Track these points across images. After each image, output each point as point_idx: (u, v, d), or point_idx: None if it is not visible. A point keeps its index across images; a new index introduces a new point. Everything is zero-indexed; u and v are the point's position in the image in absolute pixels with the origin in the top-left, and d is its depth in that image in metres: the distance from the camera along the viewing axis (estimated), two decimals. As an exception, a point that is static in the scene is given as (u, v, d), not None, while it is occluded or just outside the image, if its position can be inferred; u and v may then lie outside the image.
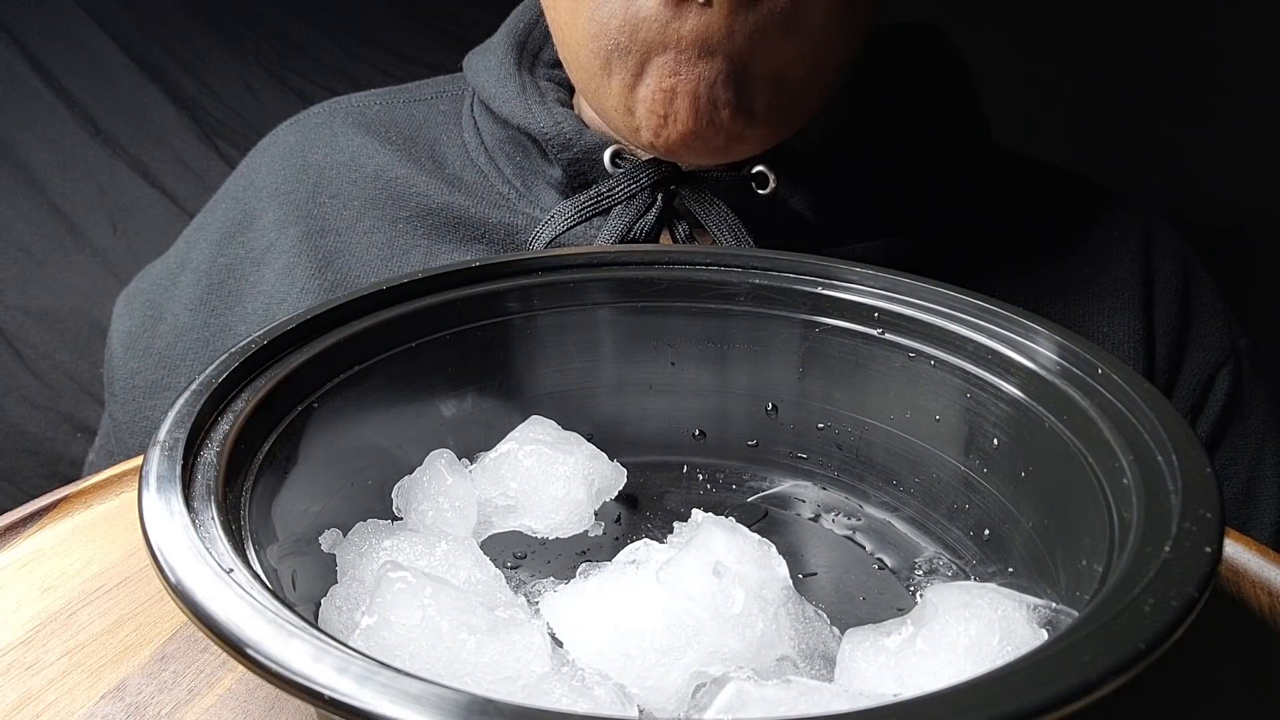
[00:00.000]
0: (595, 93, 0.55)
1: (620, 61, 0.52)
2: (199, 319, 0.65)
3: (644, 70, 0.52)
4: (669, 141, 0.53)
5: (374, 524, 0.40)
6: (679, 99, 0.51)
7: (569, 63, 0.57)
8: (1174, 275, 0.64)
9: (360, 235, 0.64)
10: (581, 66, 0.55)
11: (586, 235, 0.59)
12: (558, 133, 0.59)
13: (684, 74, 0.51)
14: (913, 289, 0.44)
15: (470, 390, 0.46)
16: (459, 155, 0.66)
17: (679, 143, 0.53)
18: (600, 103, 0.55)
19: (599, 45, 0.52)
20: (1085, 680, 0.24)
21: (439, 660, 0.31)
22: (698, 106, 0.52)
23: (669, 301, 0.48)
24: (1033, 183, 0.68)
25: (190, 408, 0.35)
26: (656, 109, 0.52)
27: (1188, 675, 0.37)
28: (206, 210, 0.70)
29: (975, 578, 0.42)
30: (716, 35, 0.50)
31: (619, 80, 0.53)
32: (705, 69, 0.51)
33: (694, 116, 0.52)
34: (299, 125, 0.70)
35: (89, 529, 0.45)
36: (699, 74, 0.51)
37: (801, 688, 0.29)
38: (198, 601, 0.27)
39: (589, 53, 0.53)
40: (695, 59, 0.50)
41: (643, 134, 0.54)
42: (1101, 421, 0.36)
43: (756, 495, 0.48)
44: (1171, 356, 0.63)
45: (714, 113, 0.52)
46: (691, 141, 0.53)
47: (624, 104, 0.53)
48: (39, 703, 0.36)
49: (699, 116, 0.52)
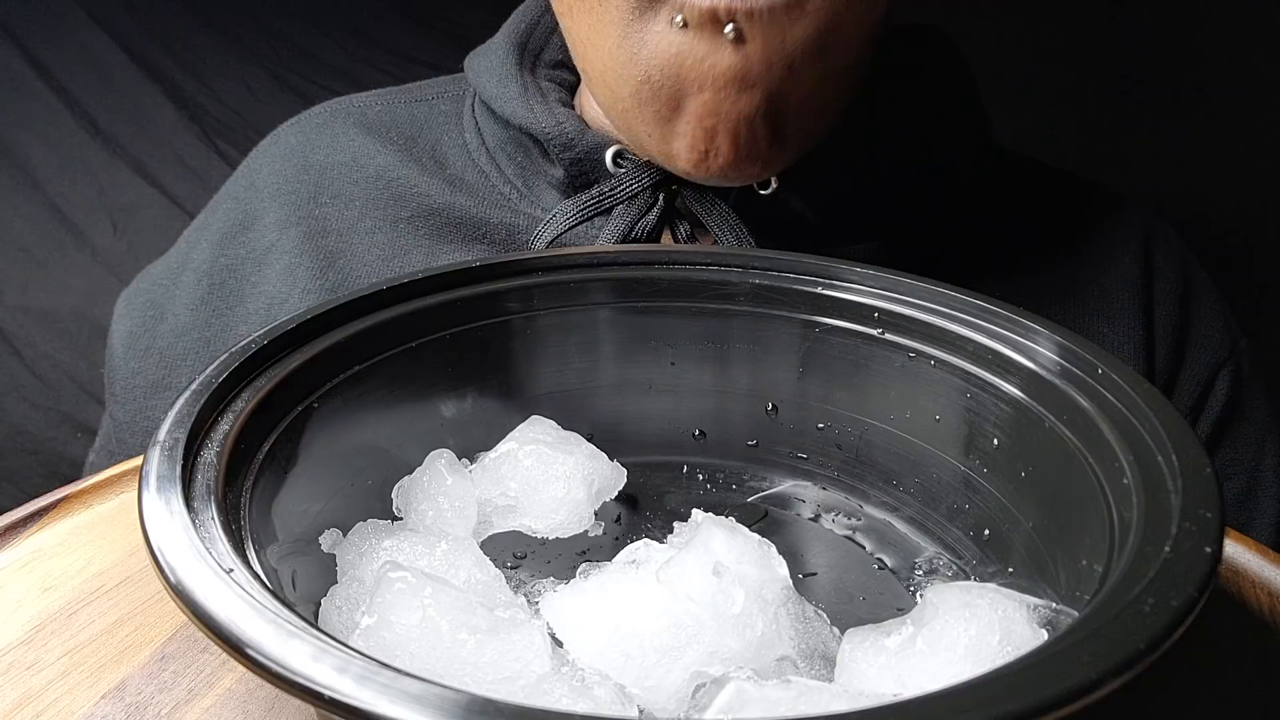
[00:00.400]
0: (623, 115, 0.55)
1: (653, 96, 0.52)
2: (200, 319, 0.65)
3: (680, 106, 0.51)
4: (709, 173, 0.54)
5: (374, 524, 0.40)
6: (720, 136, 0.51)
7: (592, 82, 0.56)
8: (1174, 276, 0.64)
9: (362, 236, 0.64)
10: (609, 91, 0.54)
11: (588, 235, 0.59)
12: (559, 132, 0.59)
13: (725, 112, 0.51)
14: (913, 289, 0.44)
15: (470, 390, 0.46)
16: (460, 155, 0.66)
17: (718, 174, 0.53)
18: (630, 126, 0.55)
19: (629, 74, 0.52)
20: (1085, 680, 0.24)
21: (439, 660, 0.31)
22: (739, 143, 0.52)
23: (669, 301, 0.48)
24: (1033, 183, 0.68)
25: (190, 408, 0.35)
26: (697, 145, 0.52)
27: (1188, 675, 0.37)
28: (207, 210, 0.70)
29: (975, 578, 0.42)
30: (755, 70, 0.49)
31: (652, 112, 0.52)
32: (745, 105, 0.50)
33: (735, 151, 0.52)
34: (300, 126, 0.70)
35: (89, 529, 0.45)
36: (739, 111, 0.51)
37: (801, 688, 0.29)
38: (198, 601, 0.27)
39: (618, 80, 0.53)
40: (735, 96, 0.50)
41: (679, 164, 0.54)
42: (1101, 421, 0.36)
43: (756, 495, 0.48)
44: (1171, 357, 0.63)
45: (753, 145, 0.52)
46: (730, 172, 0.53)
47: (659, 133, 0.53)
48: (39, 703, 0.36)
49: (739, 151, 0.52)
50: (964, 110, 0.64)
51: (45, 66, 1.74)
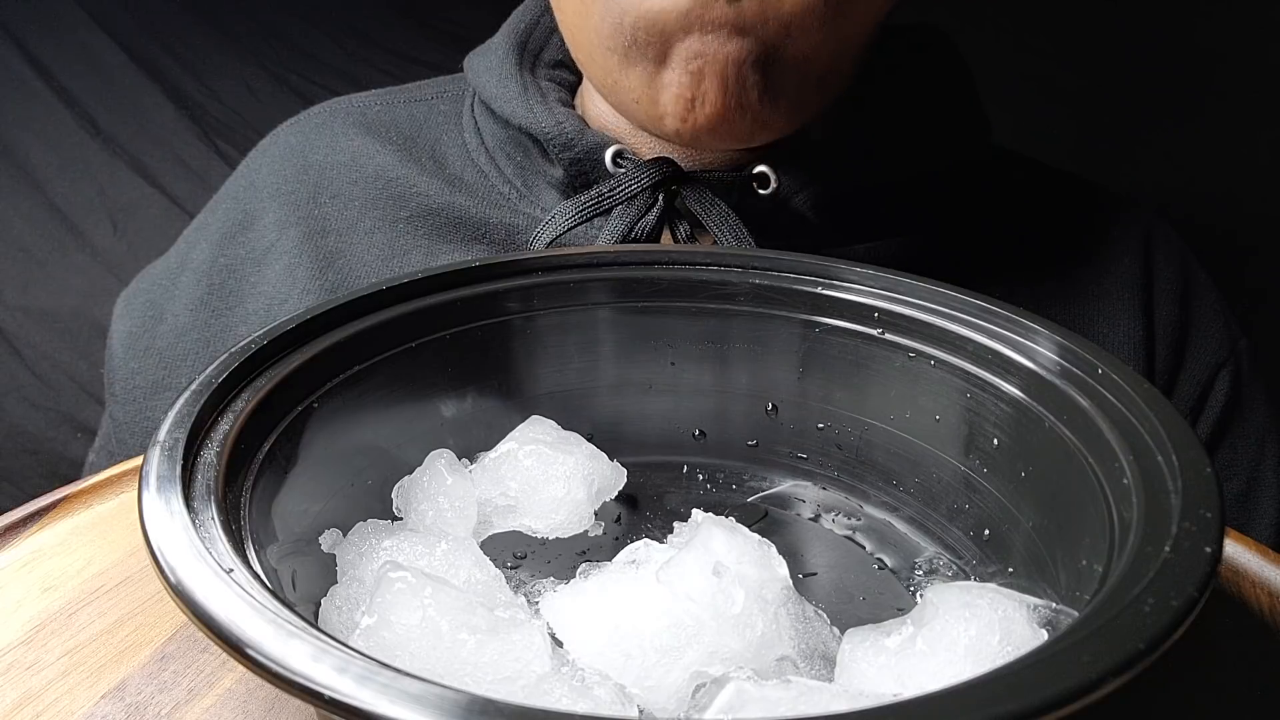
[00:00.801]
0: (613, 88, 0.54)
1: (640, 53, 0.51)
2: (200, 319, 0.65)
3: (668, 55, 0.51)
4: (696, 126, 0.52)
5: (374, 524, 0.40)
6: (707, 79, 0.50)
7: (582, 61, 0.56)
8: (1174, 276, 0.64)
9: (361, 236, 0.64)
10: (596, 63, 0.54)
11: (588, 235, 0.59)
12: (559, 132, 0.59)
13: (713, 53, 0.49)
14: (913, 289, 0.44)
15: (470, 390, 0.46)
16: (459, 155, 0.66)
17: (705, 126, 0.52)
18: (619, 97, 0.55)
19: (616, 41, 0.51)
20: (1085, 680, 0.24)
21: (439, 660, 0.31)
22: (726, 86, 0.50)
23: (669, 301, 0.48)
24: (1033, 183, 0.68)
25: (190, 408, 0.35)
26: (684, 92, 0.51)
27: (1188, 675, 0.37)
28: (207, 210, 0.70)
29: (975, 578, 0.42)
30: (749, 19, 0.49)
31: (640, 70, 0.52)
32: (735, 49, 0.49)
33: (723, 96, 0.51)
34: (299, 125, 0.70)
35: (89, 529, 0.45)
36: (728, 53, 0.49)
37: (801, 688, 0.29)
38: (198, 601, 0.27)
39: (607, 49, 0.52)
40: (725, 38, 0.49)
41: (667, 121, 0.53)
42: (1101, 421, 0.36)
43: (756, 495, 0.48)
44: (1172, 358, 0.63)
45: (743, 94, 0.51)
46: (718, 125, 0.52)
47: (646, 94, 0.53)
48: (39, 703, 0.36)
49: (728, 96, 0.51)
50: (964, 110, 0.64)
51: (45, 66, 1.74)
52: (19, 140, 1.67)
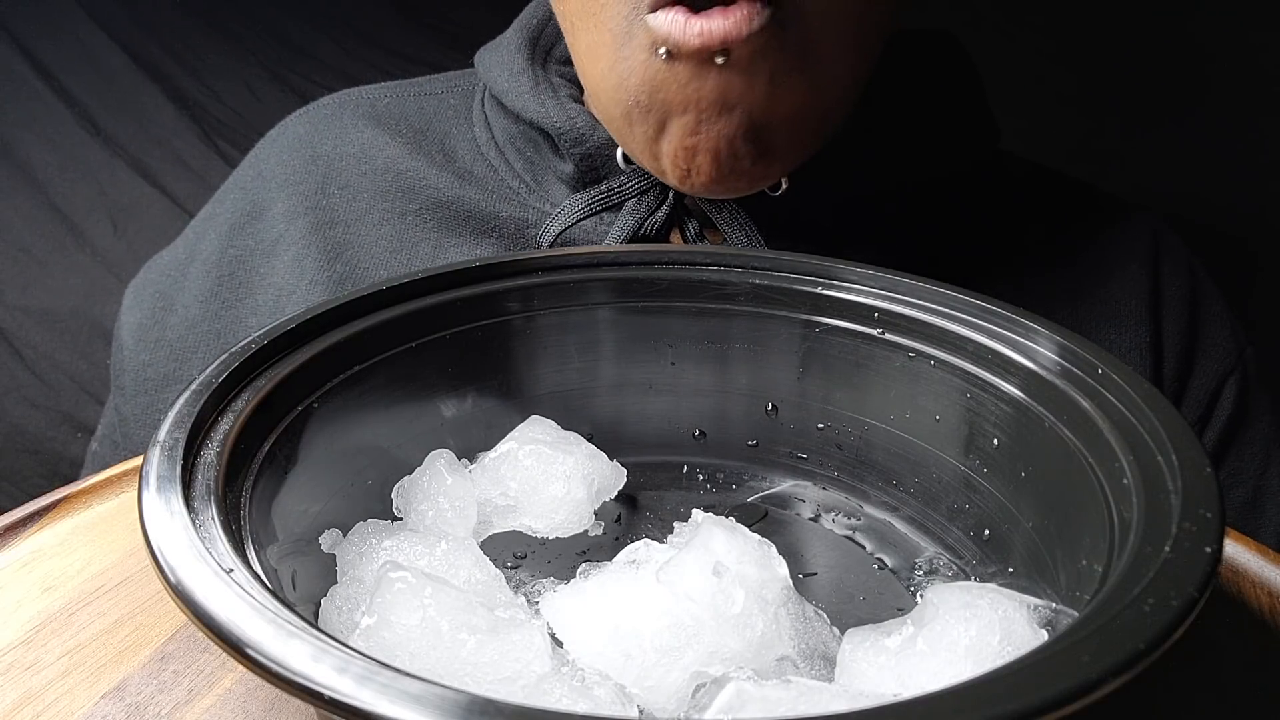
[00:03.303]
0: (618, 134, 0.56)
1: (641, 117, 0.52)
2: (210, 311, 0.64)
3: (665, 128, 0.52)
4: (694, 188, 0.54)
5: (374, 524, 0.40)
6: (700, 155, 0.52)
7: (592, 99, 0.58)
8: (1182, 284, 0.64)
9: (370, 227, 0.63)
10: (603, 109, 0.56)
11: (596, 231, 0.59)
12: (571, 127, 0.59)
13: (704, 132, 0.51)
14: (913, 289, 0.44)
15: (470, 390, 0.46)
16: (469, 149, 0.66)
17: (703, 189, 0.54)
18: (624, 143, 0.57)
19: (619, 97, 0.52)
20: (1085, 680, 0.24)
21: (439, 660, 0.31)
22: (719, 161, 0.52)
23: (669, 301, 0.48)
24: (1042, 190, 0.68)
25: (190, 408, 0.35)
26: (679, 163, 0.53)
27: (1188, 675, 0.37)
28: (214, 200, 0.70)
29: (975, 578, 0.42)
30: (735, 91, 0.50)
31: (641, 132, 0.53)
32: (725, 126, 0.51)
33: (716, 170, 0.53)
34: (309, 116, 0.70)
35: (89, 529, 0.45)
36: (718, 131, 0.51)
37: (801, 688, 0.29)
38: (198, 601, 0.27)
39: (610, 101, 0.54)
40: (715, 117, 0.51)
41: (667, 179, 0.55)
42: (1101, 421, 0.36)
43: (756, 495, 0.48)
44: (1181, 365, 0.63)
45: (735, 163, 0.53)
46: (715, 189, 0.54)
47: (648, 152, 0.54)
48: (39, 703, 0.36)
49: (721, 169, 0.53)
50: (974, 115, 0.64)
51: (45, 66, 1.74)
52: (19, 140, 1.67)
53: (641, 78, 0.51)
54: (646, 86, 0.51)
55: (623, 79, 0.51)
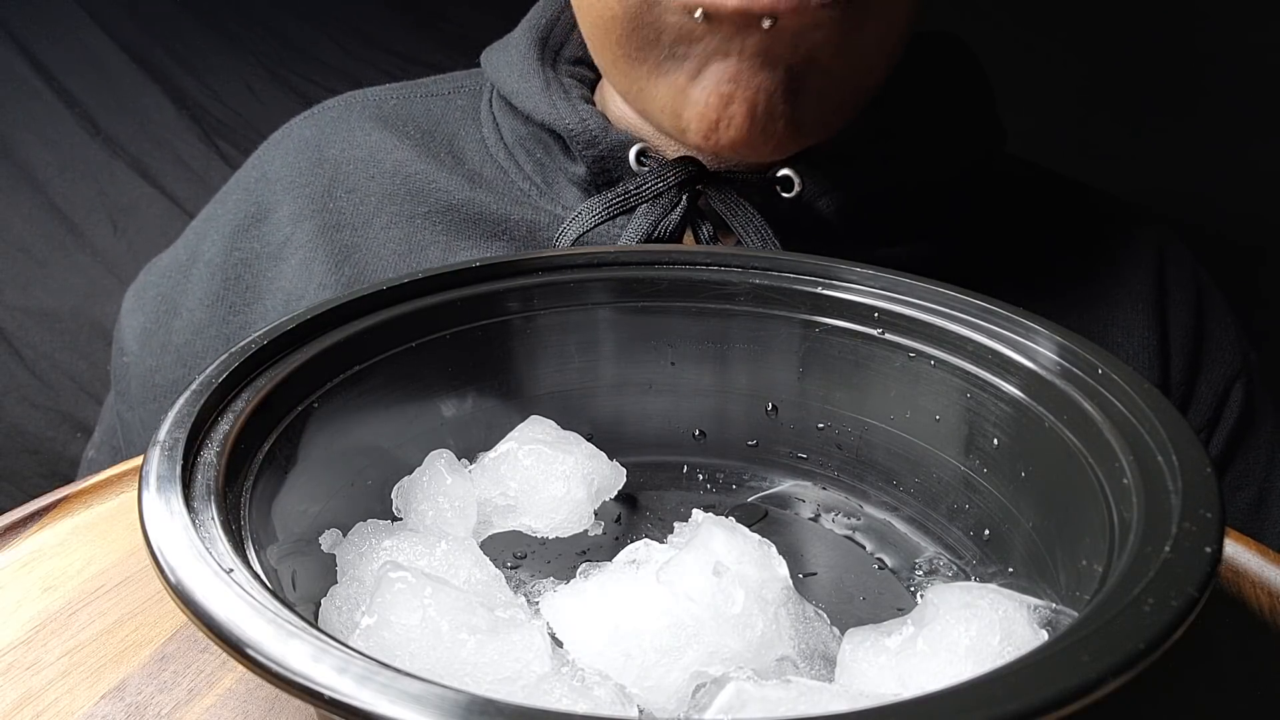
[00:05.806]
0: (638, 95, 0.54)
1: (675, 65, 0.51)
2: (216, 315, 0.64)
3: (701, 73, 0.51)
4: (718, 144, 0.52)
5: (374, 524, 0.40)
6: (735, 104, 0.50)
7: (605, 66, 0.56)
8: (1188, 289, 0.64)
9: (378, 230, 0.63)
10: (620, 71, 0.54)
11: (610, 234, 0.58)
12: (583, 129, 0.58)
13: (744, 81, 0.50)
14: (913, 289, 0.44)
15: (470, 390, 0.46)
16: (478, 151, 0.65)
17: (727, 145, 0.52)
18: (643, 104, 0.55)
19: (649, 54, 0.51)
20: (1085, 680, 0.24)
21: (439, 660, 0.31)
22: (754, 116, 0.51)
23: (669, 301, 0.48)
24: (1048, 194, 0.68)
25: (190, 408, 0.35)
26: (709, 113, 0.51)
27: (1188, 675, 0.37)
28: (215, 202, 0.69)
29: (975, 578, 0.42)
30: (782, 46, 0.49)
31: (669, 81, 0.52)
32: (766, 80, 0.50)
33: (750, 125, 0.51)
34: (314, 119, 0.69)
35: (89, 529, 0.45)
36: (759, 84, 0.50)
37: (801, 688, 0.29)
38: (198, 601, 0.27)
39: (632, 59, 0.52)
40: (758, 68, 0.49)
41: (690, 135, 0.53)
42: (1101, 421, 0.36)
43: (756, 495, 0.48)
44: (1188, 370, 0.63)
45: (769, 122, 0.51)
46: (740, 146, 0.52)
47: (672, 106, 0.53)
48: (39, 703, 0.36)
49: (754, 126, 0.51)
50: (982, 117, 0.64)
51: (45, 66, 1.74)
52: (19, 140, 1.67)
53: (676, 35, 0.49)
54: (683, 42, 0.49)
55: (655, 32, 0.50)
